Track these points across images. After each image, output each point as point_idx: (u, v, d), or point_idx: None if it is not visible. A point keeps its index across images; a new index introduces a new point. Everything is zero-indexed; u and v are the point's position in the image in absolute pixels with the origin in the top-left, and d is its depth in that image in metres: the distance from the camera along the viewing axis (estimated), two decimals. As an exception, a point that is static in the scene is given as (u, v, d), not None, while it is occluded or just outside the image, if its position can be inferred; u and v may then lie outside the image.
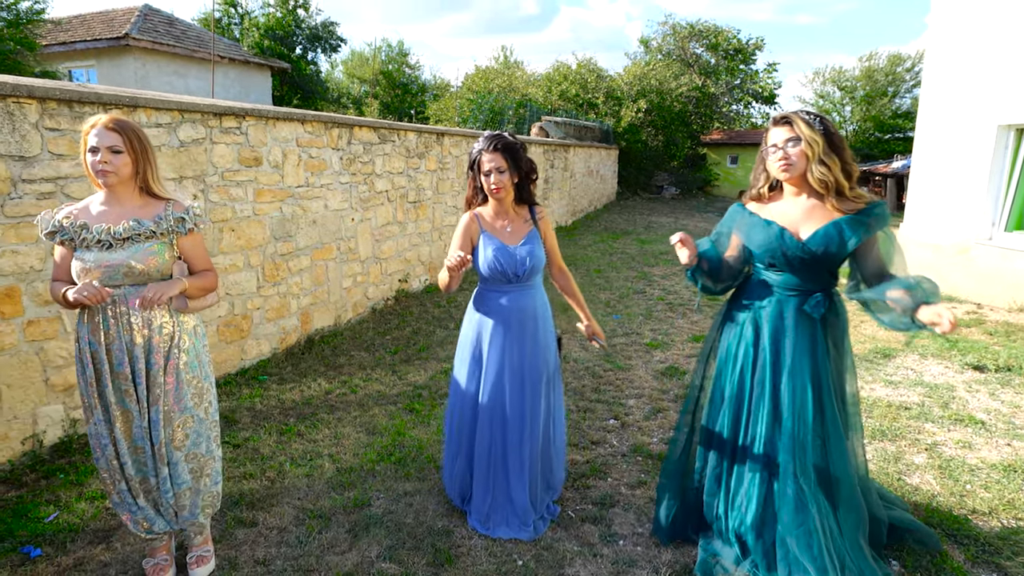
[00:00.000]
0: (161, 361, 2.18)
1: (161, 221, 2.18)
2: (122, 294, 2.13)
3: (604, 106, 21.18)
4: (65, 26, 16.13)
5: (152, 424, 2.19)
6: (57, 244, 2.15)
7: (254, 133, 4.62)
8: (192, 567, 2.37)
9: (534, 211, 2.66)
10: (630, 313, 6.32)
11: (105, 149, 2.07)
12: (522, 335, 2.60)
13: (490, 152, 2.48)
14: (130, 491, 2.25)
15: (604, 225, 13.86)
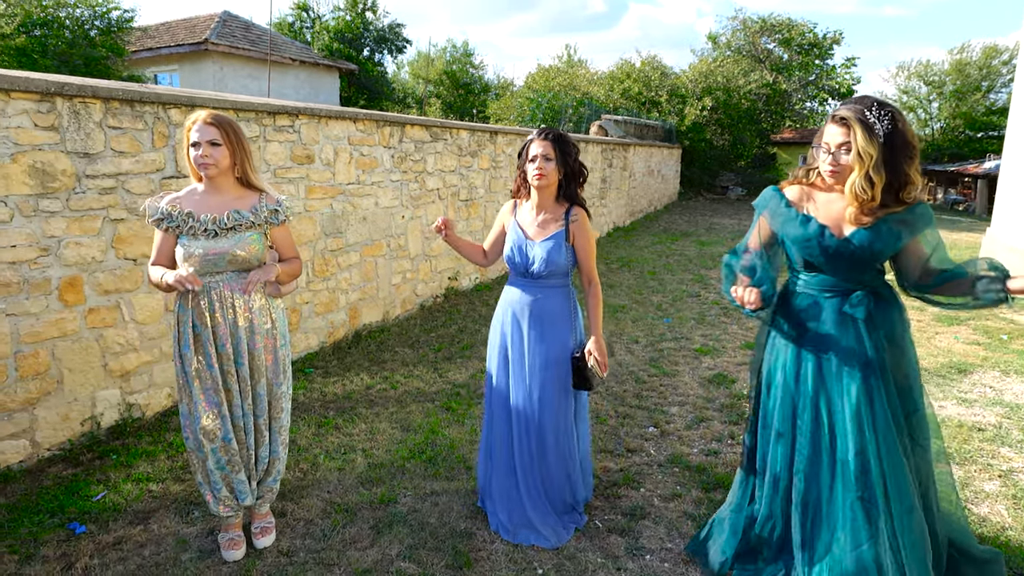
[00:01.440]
0: (261, 342, 2.34)
1: (258, 212, 2.32)
2: (225, 279, 2.28)
3: (667, 104, 20.71)
4: (152, 33, 17.16)
5: (256, 399, 2.37)
6: (162, 231, 2.28)
7: (307, 131, 4.73)
8: (258, 537, 2.52)
9: (570, 212, 2.52)
10: (682, 317, 6.11)
11: (206, 143, 2.20)
12: (539, 332, 2.53)
13: (540, 140, 2.45)
14: (228, 466, 2.38)
15: (663, 226, 13.53)
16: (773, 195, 2.22)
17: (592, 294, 2.56)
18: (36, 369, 3.23)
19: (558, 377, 2.54)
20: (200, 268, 2.25)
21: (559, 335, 2.54)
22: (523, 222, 2.57)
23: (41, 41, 12.37)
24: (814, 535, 2.16)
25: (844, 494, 2.07)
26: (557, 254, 2.47)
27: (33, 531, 2.61)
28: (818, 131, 2.13)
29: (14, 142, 3.03)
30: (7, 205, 3.03)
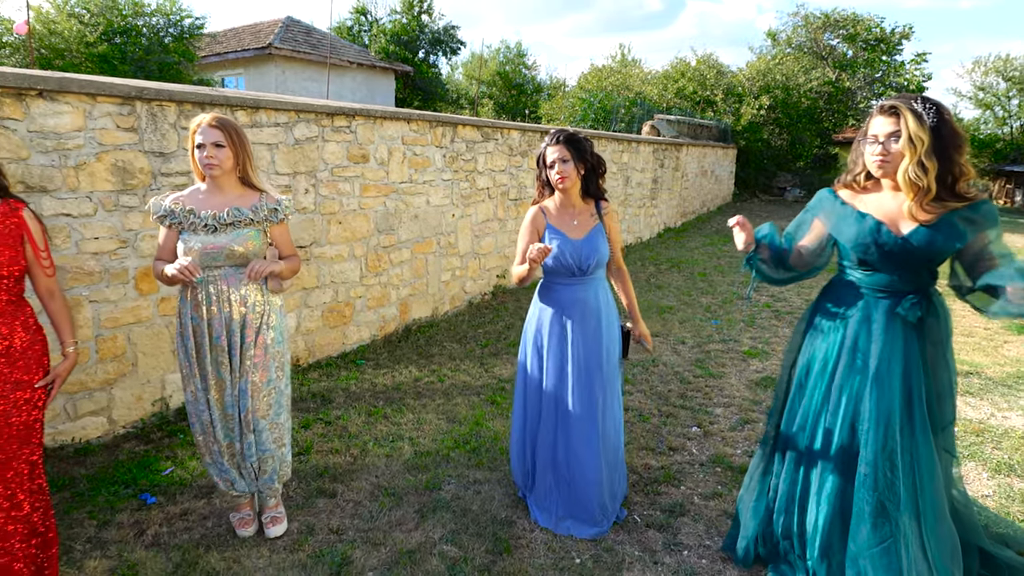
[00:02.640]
0: (252, 336, 2.42)
1: (258, 210, 2.41)
2: (223, 274, 2.38)
3: (723, 103, 20.26)
4: (220, 39, 18.00)
5: (241, 394, 2.43)
6: (166, 227, 2.42)
7: (362, 131, 4.92)
8: (268, 526, 2.61)
9: (600, 206, 2.64)
10: (730, 319, 6.02)
11: (210, 145, 2.32)
12: (585, 327, 2.59)
13: (553, 145, 2.51)
14: (220, 453, 2.50)
15: (715, 227, 13.28)
16: (828, 195, 2.21)
17: (624, 276, 2.78)
18: (114, 352, 3.49)
19: (612, 367, 2.62)
20: (199, 262, 2.31)
21: (613, 322, 2.66)
22: (560, 225, 2.61)
23: (120, 48, 13.18)
24: (831, 531, 2.15)
25: (865, 493, 2.05)
26: (603, 247, 2.59)
27: (109, 500, 2.84)
28: (860, 131, 2.11)
29: (99, 142, 3.29)
30: (92, 200, 3.29)
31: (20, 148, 3.00)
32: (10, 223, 2.01)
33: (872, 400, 2.05)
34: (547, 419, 2.66)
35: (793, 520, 2.27)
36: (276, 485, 2.60)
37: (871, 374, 2.06)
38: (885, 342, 2.05)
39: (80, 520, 2.68)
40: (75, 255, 3.25)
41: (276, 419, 2.52)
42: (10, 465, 2.04)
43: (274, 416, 2.51)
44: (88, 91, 3.20)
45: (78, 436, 3.37)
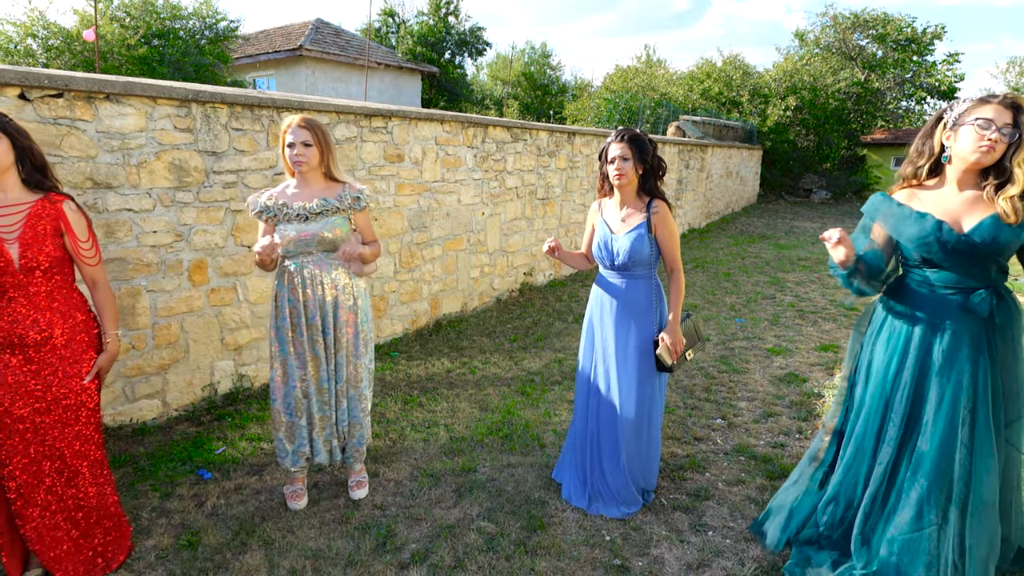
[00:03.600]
0: (344, 315, 2.68)
1: (342, 199, 2.65)
2: (315, 259, 2.63)
3: (749, 104, 20.16)
4: (252, 41, 18.44)
5: (337, 367, 2.70)
6: (263, 222, 2.67)
7: (398, 132, 5.11)
8: (353, 489, 2.88)
9: (651, 204, 2.67)
10: (755, 318, 6.09)
11: (300, 144, 2.55)
12: (620, 321, 2.72)
13: (617, 142, 2.64)
14: (309, 426, 2.74)
15: (740, 228, 13.27)
16: (882, 199, 2.23)
17: (673, 282, 2.71)
18: (168, 339, 3.72)
19: (641, 363, 2.71)
20: (294, 249, 2.60)
21: (644, 323, 2.71)
22: (609, 218, 2.77)
23: (159, 51, 13.61)
24: (878, 520, 2.24)
25: (914, 480, 2.11)
26: (640, 244, 2.64)
27: (169, 475, 3.05)
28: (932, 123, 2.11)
29: (158, 142, 3.51)
30: (151, 196, 3.52)
31: (89, 147, 3.23)
32: (47, 216, 2.10)
33: (935, 393, 2.09)
34: (581, 402, 2.82)
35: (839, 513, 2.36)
36: (363, 447, 2.87)
37: (935, 368, 2.09)
38: (952, 337, 2.07)
39: (144, 492, 2.90)
40: (135, 248, 3.48)
41: (364, 391, 2.80)
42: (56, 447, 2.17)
43: (364, 387, 2.79)
44: (150, 94, 3.43)
45: (135, 417, 3.60)
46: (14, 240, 2.04)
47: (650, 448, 2.84)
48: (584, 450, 2.84)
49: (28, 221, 2.07)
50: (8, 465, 2.11)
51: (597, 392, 2.78)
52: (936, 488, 2.08)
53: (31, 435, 2.12)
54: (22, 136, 2.08)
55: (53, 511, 2.20)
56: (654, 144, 2.69)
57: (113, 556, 2.37)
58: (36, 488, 2.16)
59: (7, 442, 2.09)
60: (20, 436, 2.10)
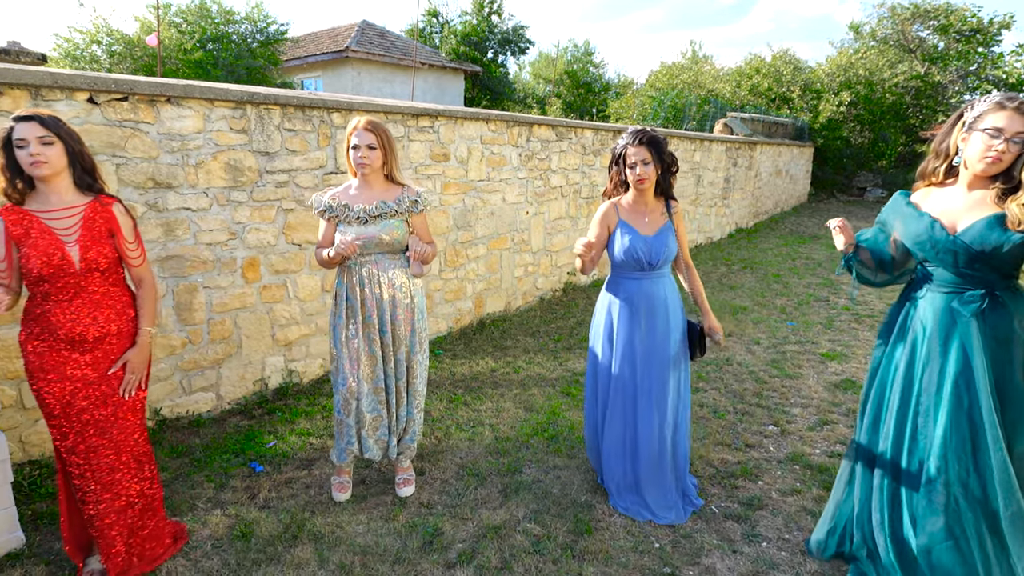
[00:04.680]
0: (402, 313, 2.71)
1: (401, 202, 2.67)
2: (374, 259, 2.67)
3: (800, 100, 19.56)
4: (301, 43, 18.86)
5: (397, 364, 2.75)
6: (326, 220, 2.71)
7: (444, 132, 5.13)
8: (401, 487, 2.91)
9: (670, 205, 2.74)
10: (807, 321, 5.90)
11: (364, 147, 2.59)
12: (651, 320, 2.69)
13: (635, 145, 2.59)
14: (357, 424, 2.77)
15: (790, 228, 12.89)
16: (899, 197, 2.27)
17: (693, 274, 2.84)
18: (222, 335, 3.82)
19: (684, 359, 2.72)
20: None
21: (678, 316, 2.75)
22: (632, 221, 2.71)
23: (213, 54, 14.07)
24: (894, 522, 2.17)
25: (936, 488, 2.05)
26: (672, 244, 2.69)
27: (223, 466, 3.14)
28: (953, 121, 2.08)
29: (215, 143, 3.61)
30: (207, 195, 3.62)
31: (151, 149, 3.35)
32: (100, 218, 2.17)
33: (939, 396, 2.07)
34: (615, 408, 2.77)
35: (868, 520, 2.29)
36: (414, 445, 2.91)
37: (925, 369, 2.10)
38: (946, 338, 2.07)
39: (200, 482, 2.98)
40: (193, 245, 3.59)
41: (419, 388, 2.84)
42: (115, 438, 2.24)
43: (419, 385, 2.83)
44: (208, 96, 3.53)
45: (191, 409, 3.71)
46: (74, 242, 2.10)
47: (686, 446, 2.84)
48: (621, 455, 2.79)
49: (84, 223, 2.13)
50: (73, 454, 2.19)
51: (642, 397, 2.71)
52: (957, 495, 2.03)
53: (92, 428, 2.19)
54: (74, 140, 2.13)
55: (107, 503, 2.26)
56: (666, 140, 2.70)
57: (152, 552, 2.39)
58: (95, 480, 2.23)
59: (71, 434, 2.18)
60: (82, 428, 2.18)
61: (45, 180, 2.08)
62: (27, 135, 2.01)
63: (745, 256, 9.47)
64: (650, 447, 2.71)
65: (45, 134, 2.03)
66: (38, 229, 2.07)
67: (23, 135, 2.01)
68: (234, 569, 2.38)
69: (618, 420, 2.79)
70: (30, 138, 2.01)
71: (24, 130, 2.01)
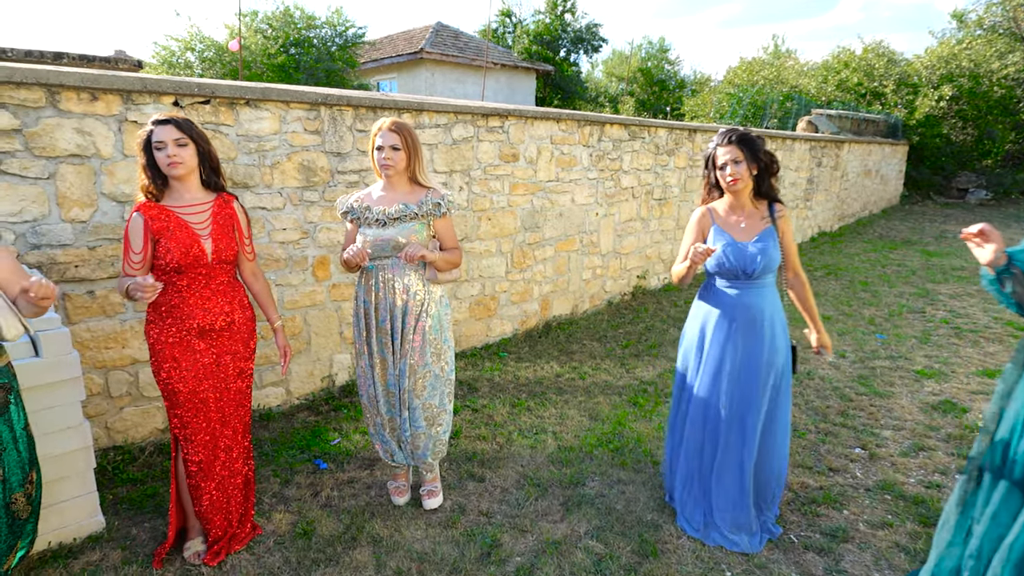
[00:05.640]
0: (412, 322, 2.62)
1: (422, 205, 2.60)
2: (390, 263, 2.60)
3: (894, 95, 18.29)
4: (378, 45, 19.36)
5: (400, 374, 2.65)
6: (348, 222, 2.70)
7: (514, 131, 5.07)
8: (424, 498, 2.82)
9: (774, 208, 2.50)
10: (899, 334, 5.45)
11: (388, 147, 2.54)
12: (747, 333, 2.48)
13: (725, 145, 2.43)
14: (382, 425, 2.75)
15: (879, 232, 12.07)
16: None
17: (802, 283, 2.59)
18: (293, 331, 3.91)
19: (775, 377, 2.50)
20: (371, 251, 2.57)
21: (781, 331, 2.53)
22: (727, 226, 2.53)
23: (295, 58, 14.64)
24: None
25: None
26: (773, 251, 2.45)
27: (289, 461, 3.19)
28: None
29: (290, 144, 3.69)
30: (282, 195, 3.70)
31: (230, 150, 3.45)
32: (225, 214, 2.33)
33: None
34: (695, 425, 2.60)
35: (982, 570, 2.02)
36: (429, 460, 2.78)
37: None
38: None
39: (267, 477, 3.04)
40: (267, 244, 3.68)
41: (430, 400, 2.69)
42: (230, 423, 2.39)
43: (427, 397, 2.68)
44: (284, 99, 3.61)
45: (262, 403, 3.82)
46: (207, 235, 2.25)
47: (782, 474, 2.62)
48: (699, 475, 2.62)
49: (214, 218, 2.29)
50: (193, 442, 2.31)
51: (725, 415, 2.53)
52: None
53: (214, 413, 2.33)
54: (204, 141, 2.27)
55: (225, 485, 2.41)
56: (763, 139, 2.48)
57: (243, 536, 2.52)
58: (213, 463, 2.37)
59: (192, 421, 2.30)
60: (204, 415, 2.31)
61: (179, 179, 2.23)
62: (164, 137, 2.15)
63: (829, 262, 8.92)
64: (730, 473, 2.53)
65: (180, 136, 2.17)
66: (176, 223, 2.21)
67: (161, 137, 2.15)
68: (294, 567, 2.39)
69: (698, 439, 2.62)
70: (167, 140, 2.15)
71: (162, 133, 2.15)
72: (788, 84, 19.27)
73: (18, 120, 2.77)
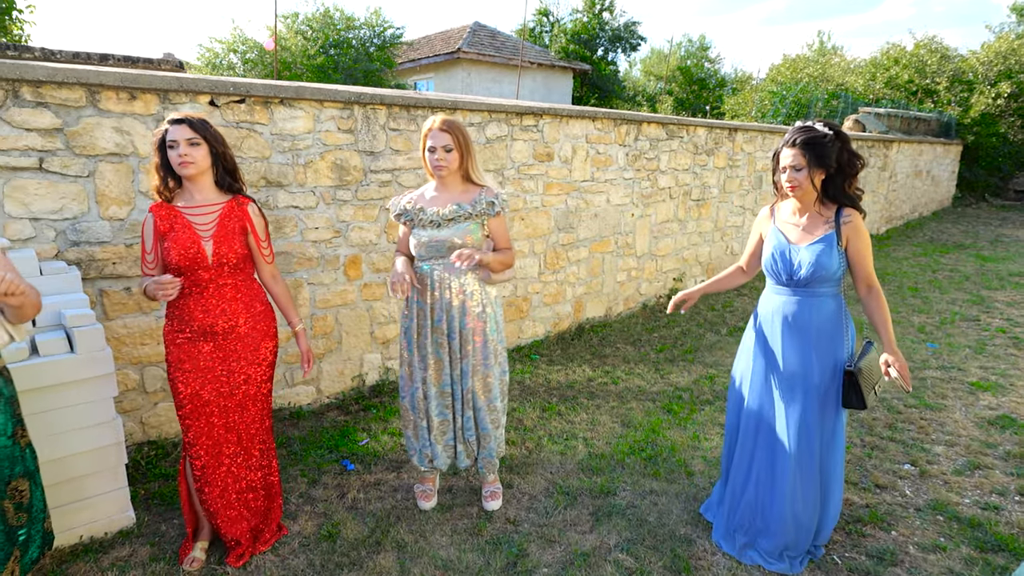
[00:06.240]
0: (471, 322, 2.59)
1: (476, 204, 2.55)
2: (446, 264, 2.56)
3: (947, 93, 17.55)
4: (415, 46, 19.49)
5: (463, 374, 2.63)
6: (402, 224, 2.65)
7: (549, 130, 4.99)
8: (487, 500, 2.79)
9: (841, 213, 2.26)
10: (952, 344, 5.18)
11: (440, 148, 2.48)
12: (789, 346, 2.34)
13: (789, 147, 2.25)
14: (428, 428, 2.70)
15: (930, 235, 11.57)
16: None
17: (877, 299, 2.29)
18: (324, 330, 3.91)
19: (820, 395, 2.32)
20: (425, 253, 2.55)
21: (828, 348, 2.31)
22: (784, 226, 2.40)
23: (334, 59, 14.82)
24: None
25: None
26: (827, 259, 2.24)
27: (317, 461, 3.18)
28: None
29: (323, 143, 3.69)
30: (315, 194, 3.70)
31: (265, 149, 3.46)
32: (235, 216, 2.28)
33: None
34: (745, 436, 2.48)
35: None
36: (494, 459, 2.78)
37: None
38: None
39: (294, 476, 3.04)
40: (299, 242, 3.69)
41: (493, 402, 2.69)
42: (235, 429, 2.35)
43: (492, 399, 2.68)
44: (318, 97, 3.61)
45: (293, 401, 3.83)
46: (209, 237, 2.22)
47: (828, 499, 2.43)
48: (742, 490, 2.50)
49: (221, 220, 2.25)
50: (195, 445, 2.30)
51: (764, 427, 2.41)
52: None
53: (216, 418, 2.31)
54: (218, 142, 2.25)
55: (229, 490, 2.37)
56: (844, 138, 2.25)
57: (265, 534, 2.50)
58: (216, 468, 2.34)
59: (194, 424, 2.29)
60: (207, 419, 2.29)
61: (191, 179, 2.22)
62: (177, 137, 2.14)
63: (876, 266, 8.55)
64: (759, 487, 2.41)
65: (193, 136, 2.16)
66: (180, 224, 2.20)
67: (174, 137, 2.14)
68: (318, 570, 2.37)
69: (745, 452, 2.50)
70: (180, 139, 2.14)
71: (175, 132, 2.15)
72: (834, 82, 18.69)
73: (59, 119, 2.82)
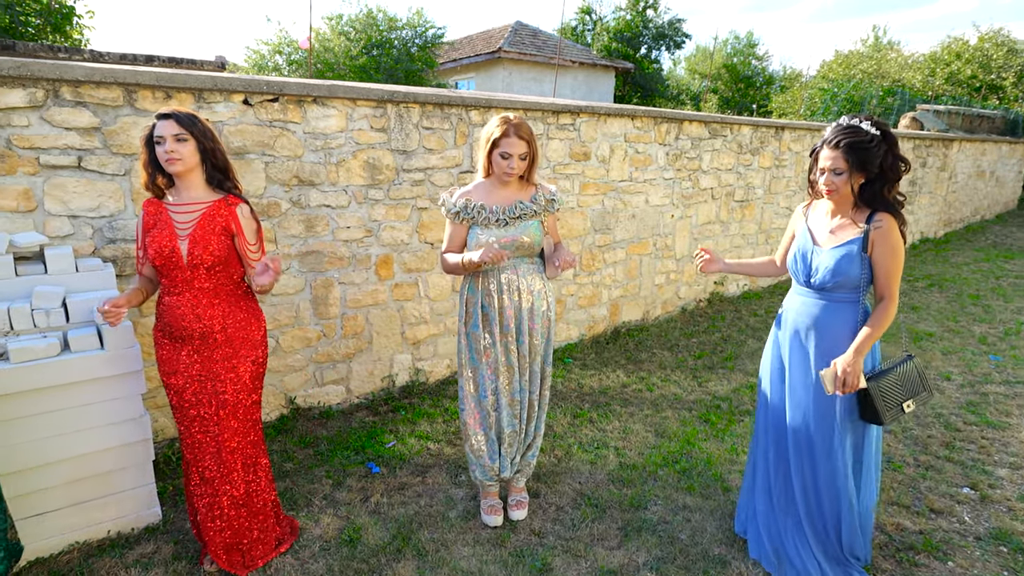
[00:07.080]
0: (539, 323, 2.54)
1: (537, 201, 2.49)
2: (512, 264, 2.50)
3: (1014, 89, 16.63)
4: (457, 46, 19.55)
5: (532, 376, 2.58)
6: (458, 223, 2.51)
7: (585, 129, 4.87)
8: (514, 509, 2.70)
9: (872, 218, 2.11)
10: (1017, 356, 4.84)
11: (517, 157, 2.37)
12: (808, 348, 2.21)
13: (831, 148, 2.08)
14: (498, 440, 2.62)
15: (992, 240, 10.94)
16: None
17: (880, 309, 2.11)
18: (355, 330, 3.89)
19: (834, 404, 2.18)
20: None
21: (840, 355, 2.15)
22: (814, 226, 2.26)
23: (376, 59, 14.98)
24: None
25: None
26: (848, 264, 2.10)
27: (343, 463, 3.15)
28: None
29: (356, 142, 3.66)
30: (347, 193, 3.68)
31: (297, 147, 3.45)
32: (219, 216, 2.16)
33: None
34: (768, 440, 2.35)
35: None
36: (534, 461, 2.75)
37: None
38: None
39: (319, 477, 3.01)
40: (331, 242, 3.67)
41: (544, 401, 2.68)
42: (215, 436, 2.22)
43: (545, 400, 2.68)
44: (351, 96, 3.58)
45: (323, 400, 3.82)
46: (185, 236, 2.13)
47: (860, 513, 2.28)
48: (774, 502, 2.35)
49: (202, 220, 2.14)
50: (185, 446, 2.26)
51: (784, 431, 2.28)
52: None
53: (196, 424, 2.22)
54: (207, 138, 2.15)
55: (209, 498, 2.26)
56: (892, 140, 2.06)
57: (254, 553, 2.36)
58: (197, 474, 2.25)
59: (180, 425, 2.23)
60: (190, 422, 2.22)
61: (178, 176, 2.15)
62: (164, 132, 2.08)
63: (932, 271, 8.14)
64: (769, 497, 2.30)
65: (180, 131, 2.08)
66: (163, 221, 2.15)
67: (161, 132, 2.08)
68: (337, 576, 2.32)
69: (769, 456, 2.40)
70: (167, 135, 2.08)
71: (162, 127, 2.08)
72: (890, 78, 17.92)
73: (98, 119, 2.86)
